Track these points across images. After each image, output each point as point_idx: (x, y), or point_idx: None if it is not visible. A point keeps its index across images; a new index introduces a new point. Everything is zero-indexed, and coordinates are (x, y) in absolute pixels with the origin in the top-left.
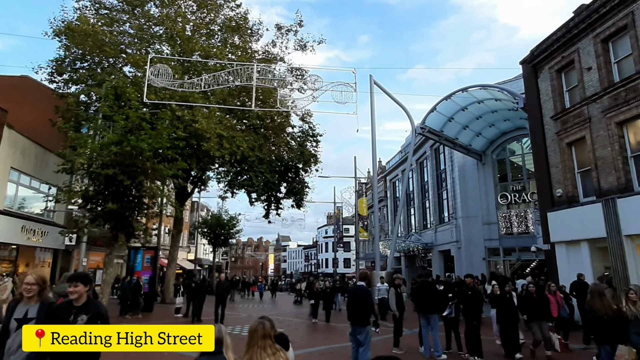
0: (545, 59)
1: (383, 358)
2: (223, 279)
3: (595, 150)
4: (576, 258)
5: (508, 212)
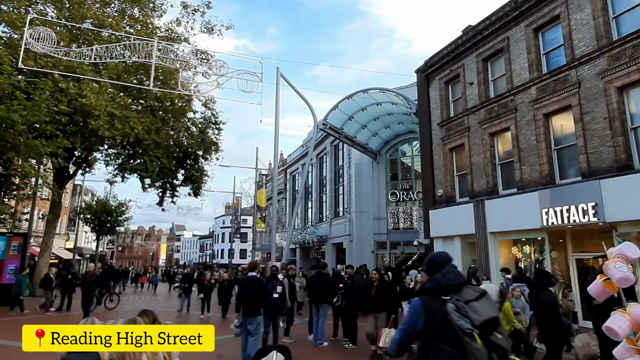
0: (436, 71)
1: (272, 347)
2: (92, 269)
3: (471, 157)
4: (450, 251)
5: (396, 208)
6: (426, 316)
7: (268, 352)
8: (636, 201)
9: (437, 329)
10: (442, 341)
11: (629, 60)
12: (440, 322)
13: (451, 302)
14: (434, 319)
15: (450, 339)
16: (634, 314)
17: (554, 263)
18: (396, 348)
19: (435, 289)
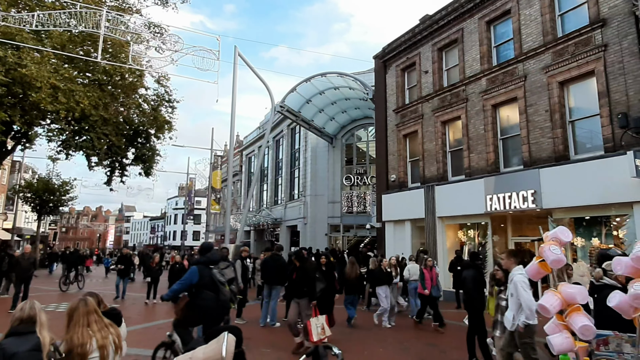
0: (394, 58)
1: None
2: (28, 251)
3: (424, 143)
4: (401, 235)
5: (351, 192)
6: (199, 275)
7: (219, 333)
8: (570, 189)
9: (205, 282)
10: (207, 288)
11: (571, 56)
12: (207, 279)
13: (215, 269)
14: (204, 277)
15: (211, 287)
16: (564, 292)
17: (495, 246)
18: (172, 295)
19: (206, 262)
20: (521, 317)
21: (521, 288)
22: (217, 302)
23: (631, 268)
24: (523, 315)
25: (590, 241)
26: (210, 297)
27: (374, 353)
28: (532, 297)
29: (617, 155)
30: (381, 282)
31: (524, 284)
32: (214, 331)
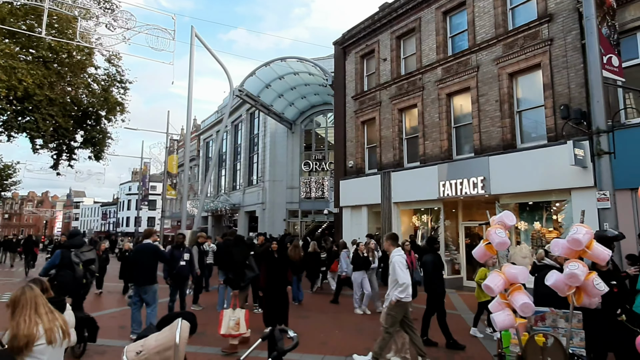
0: (353, 44)
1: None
2: None
3: (381, 130)
4: (357, 220)
5: (309, 178)
6: (61, 257)
7: (173, 319)
8: (516, 176)
9: (65, 262)
10: (66, 268)
11: (520, 49)
12: (67, 260)
13: (73, 252)
14: (64, 259)
15: (69, 267)
16: (508, 273)
17: (447, 230)
18: (42, 272)
19: (68, 246)
20: (395, 293)
21: (398, 267)
22: (72, 278)
23: (567, 249)
24: (397, 290)
25: (532, 225)
26: (67, 275)
27: (330, 335)
28: (407, 276)
29: (559, 144)
30: (358, 267)
31: (401, 264)
32: (167, 317)
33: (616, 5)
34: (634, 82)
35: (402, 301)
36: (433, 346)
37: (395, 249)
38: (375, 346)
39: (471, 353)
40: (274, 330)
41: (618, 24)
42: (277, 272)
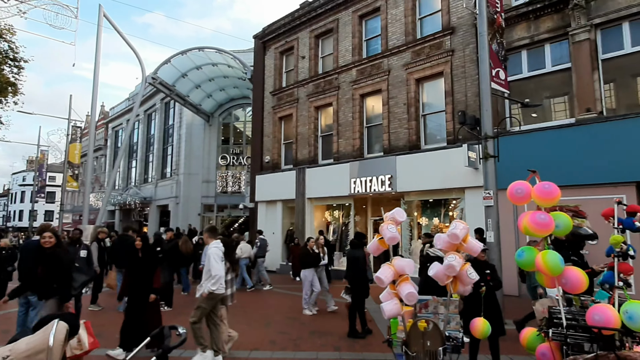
0: (273, 40)
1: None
2: None
3: (298, 127)
4: (272, 215)
5: (226, 172)
6: None
7: (49, 320)
8: (420, 175)
9: None
10: None
11: (426, 57)
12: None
13: None
14: None
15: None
16: (397, 265)
17: (357, 225)
18: None
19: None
20: (208, 285)
21: (213, 259)
22: None
23: (447, 243)
24: (209, 282)
25: (432, 220)
26: None
27: (237, 330)
28: (222, 268)
29: (456, 147)
30: (308, 264)
31: (217, 256)
32: (44, 319)
33: (505, 25)
34: (517, 94)
35: (215, 293)
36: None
37: (212, 242)
38: (211, 343)
39: (370, 341)
40: (164, 328)
41: (506, 41)
42: (139, 275)
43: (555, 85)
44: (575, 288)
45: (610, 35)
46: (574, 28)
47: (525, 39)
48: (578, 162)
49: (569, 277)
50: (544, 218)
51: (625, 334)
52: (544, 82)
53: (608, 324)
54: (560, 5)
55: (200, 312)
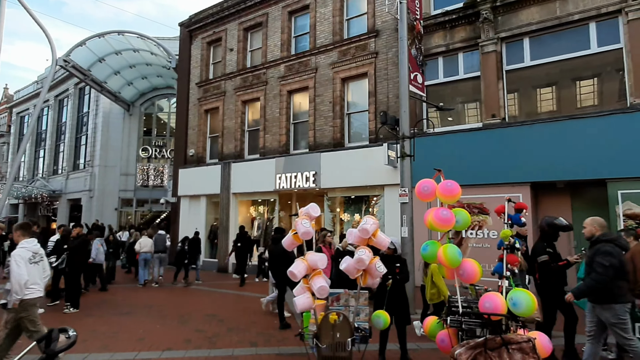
0: (200, 29)
1: None
2: None
3: (224, 121)
4: (196, 210)
5: (148, 165)
6: None
7: None
8: (343, 172)
9: None
10: None
11: (352, 58)
12: None
13: None
14: None
15: None
16: (310, 260)
17: (281, 221)
18: None
19: None
20: (14, 296)
21: (14, 262)
22: None
23: (358, 238)
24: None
25: (353, 217)
26: None
27: (150, 330)
28: (23, 272)
29: (377, 146)
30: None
31: (20, 259)
32: None
33: (424, 32)
34: (434, 98)
35: (27, 300)
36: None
37: (23, 241)
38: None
39: (288, 335)
40: (53, 330)
41: (424, 48)
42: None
43: (467, 91)
44: (470, 278)
45: (513, 49)
46: (483, 40)
47: (441, 46)
48: (484, 163)
49: (466, 269)
50: (446, 214)
51: (510, 319)
52: (458, 88)
53: (496, 310)
54: (472, 18)
55: (28, 321)
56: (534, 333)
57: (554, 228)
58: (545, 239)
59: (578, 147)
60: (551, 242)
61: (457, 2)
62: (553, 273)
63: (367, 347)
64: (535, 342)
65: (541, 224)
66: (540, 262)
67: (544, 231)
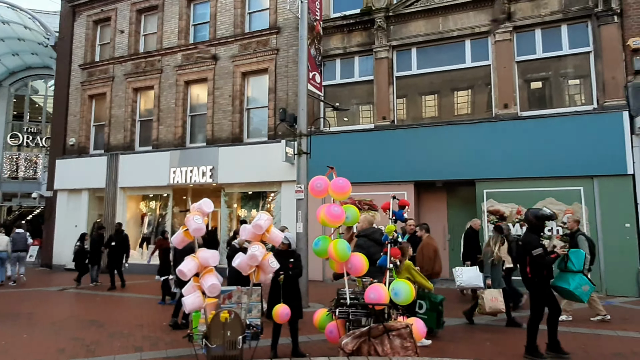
0: (86, 5)
1: None
2: None
3: (112, 108)
4: (76, 205)
5: (17, 154)
6: None
7: None
8: (241, 168)
9: None
10: None
11: (253, 52)
12: None
13: None
14: None
15: None
16: (201, 257)
17: (175, 217)
18: None
19: None
20: None
21: None
22: None
23: (252, 234)
24: None
25: (250, 212)
26: None
27: (14, 341)
28: None
29: (276, 142)
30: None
31: None
32: None
33: (323, 33)
34: (332, 98)
35: None
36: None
37: None
38: None
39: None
40: None
41: (323, 49)
42: None
43: (362, 94)
44: (358, 272)
45: (403, 57)
46: (377, 46)
47: (339, 49)
48: (374, 163)
49: (354, 263)
50: (337, 210)
51: (391, 308)
52: (354, 90)
53: (380, 301)
54: (368, 25)
55: None
56: (411, 320)
57: (541, 219)
58: (535, 231)
59: (454, 150)
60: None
61: (355, 8)
62: (545, 266)
63: (258, 343)
64: (412, 327)
65: (528, 217)
66: (536, 255)
67: (532, 223)
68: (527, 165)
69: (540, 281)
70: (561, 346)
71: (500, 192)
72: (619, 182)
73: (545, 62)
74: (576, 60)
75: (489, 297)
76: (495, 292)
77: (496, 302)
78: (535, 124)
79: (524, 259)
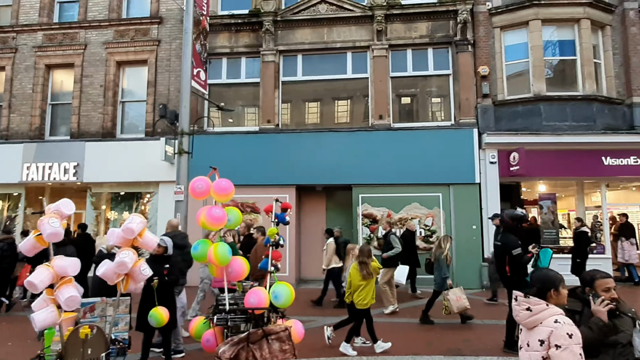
0: None
1: None
2: None
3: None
4: None
5: None
6: None
7: None
8: (112, 166)
9: None
10: None
11: (131, 41)
12: None
13: None
14: None
15: None
16: (57, 266)
17: (28, 220)
18: None
19: None
20: None
21: None
22: None
23: (121, 238)
24: None
25: (122, 215)
26: None
27: None
28: None
29: (154, 139)
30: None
31: None
32: None
33: (210, 30)
34: (217, 98)
35: None
36: None
37: None
38: None
39: None
40: None
41: (209, 46)
42: None
43: (248, 95)
44: (238, 276)
45: (289, 62)
46: (265, 49)
47: (226, 47)
48: (258, 165)
49: (234, 267)
50: (218, 212)
51: (271, 311)
52: (240, 91)
53: (260, 305)
54: (256, 26)
55: None
56: (290, 322)
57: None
58: (512, 231)
59: (333, 156)
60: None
61: (244, 8)
62: (522, 265)
63: (125, 359)
64: (291, 330)
65: (504, 218)
66: (515, 254)
67: (509, 225)
68: (397, 173)
69: (518, 279)
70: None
71: (374, 197)
72: (469, 189)
73: (414, 80)
74: (439, 81)
75: (453, 298)
76: (458, 291)
77: (461, 301)
78: (405, 135)
79: (502, 259)
